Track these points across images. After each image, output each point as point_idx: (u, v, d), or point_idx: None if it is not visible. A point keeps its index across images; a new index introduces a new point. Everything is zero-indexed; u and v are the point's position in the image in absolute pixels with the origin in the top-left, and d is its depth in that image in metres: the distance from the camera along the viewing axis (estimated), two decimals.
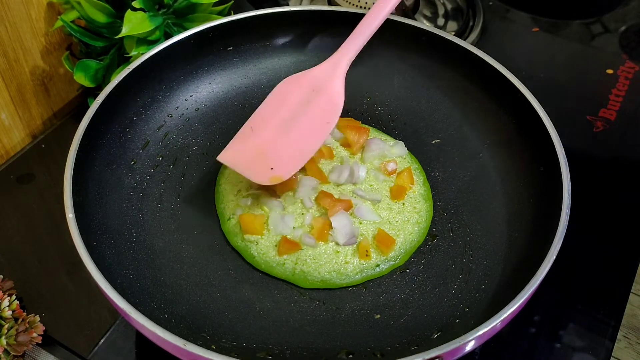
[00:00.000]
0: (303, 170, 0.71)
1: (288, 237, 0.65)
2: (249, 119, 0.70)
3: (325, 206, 0.67)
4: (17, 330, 0.63)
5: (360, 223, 0.68)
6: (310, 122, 0.67)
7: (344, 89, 0.68)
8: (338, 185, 0.71)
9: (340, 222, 0.66)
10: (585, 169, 0.82)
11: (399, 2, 0.71)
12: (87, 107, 0.67)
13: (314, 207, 0.68)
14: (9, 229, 0.76)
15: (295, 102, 0.69)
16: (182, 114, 0.78)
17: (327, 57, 0.84)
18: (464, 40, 0.80)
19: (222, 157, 0.68)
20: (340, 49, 0.69)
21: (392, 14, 0.81)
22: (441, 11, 1.08)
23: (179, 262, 0.65)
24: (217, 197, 0.72)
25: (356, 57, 0.83)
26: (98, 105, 0.67)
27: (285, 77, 0.83)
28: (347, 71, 0.83)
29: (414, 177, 0.73)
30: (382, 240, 0.66)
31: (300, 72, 0.71)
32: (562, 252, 0.56)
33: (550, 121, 0.67)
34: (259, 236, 0.66)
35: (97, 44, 0.82)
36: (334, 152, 0.74)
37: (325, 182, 0.70)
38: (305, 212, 0.67)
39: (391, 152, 0.75)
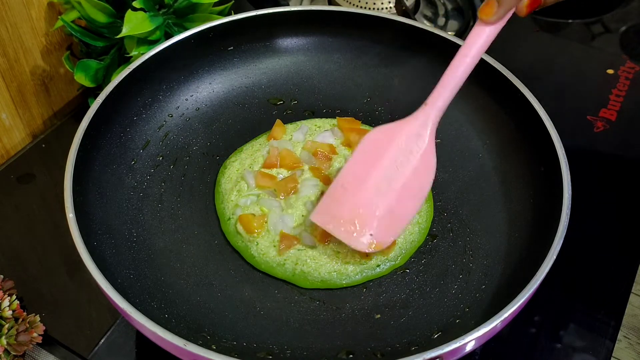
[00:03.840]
0: (305, 171, 0.71)
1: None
2: (339, 175, 0.65)
3: None
4: (17, 330, 0.63)
5: None
6: (405, 185, 0.64)
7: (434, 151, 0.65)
8: None
9: None
10: (585, 169, 0.82)
11: (485, 49, 0.64)
12: (88, 107, 0.67)
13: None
14: (9, 229, 0.76)
15: (389, 161, 0.65)
16: (183, 114, 0.78)
17: (327, 57, 0.84)
18: (464, 40, 0.80)
19: (315, 218, 0.64)
20: (428, 99, 0.65)
21: (392, 14, 0.81)
22: (441, 11, 1.08)
23: (179, 262, 0.65)
24: (217, 197, 0.72)
25: (356, 57, 0.84)
26: (98, 105, 0.67)
27: (285, 77, 0.84)
28: (347, 73, 0.84)
29: None
30: None
31: (389, 126, 0.66)
32: (562, 252, 0.56)
33: (550, 121, 0.67)
34: (259, 236, 0.66)
35: (98, 44, 0.82)
36: (337, 150, 0.74)
37: (329, 184, 0.70)
38: (305, 215, 0.67)
39: None
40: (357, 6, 1.02)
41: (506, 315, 0.52)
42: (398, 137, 0.65)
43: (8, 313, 0.64)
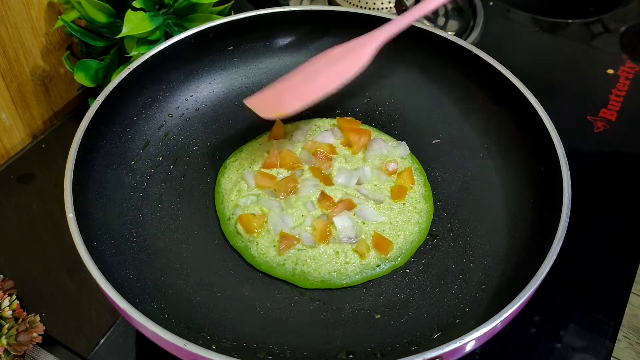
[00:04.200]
0: (306, 171, 0.71)
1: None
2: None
3: (327, 207, 0.67)
4: (17, 330, 0.63)
5: (364, 223, 0.67)
6: (329, 73, 0.71)
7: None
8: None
9: (343, 223, 0.66)
10: (585, 169, 0.82)
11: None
12: (88, 107, 0.67)
13: (315, 209, 0.68)
14: (9, 229, 0.77)
15: (326, 59, 0.72)
16: (183, 114, 0.78)
17: None
18: (464, 40, 0.80)
19: (248, 100, 0.71)
20: (383, 25, 0.72)
21: (392, 14, 0.81)
22: (441, 11, 1.08)
23: (179, 262, 0.65)
24: (217, 197, 0.72)
25: None
26: (98, 105, 0.67)
27: None
28: None
29: (415, 177, 0.73)
30: (379, 244, 0.66)
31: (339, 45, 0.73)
32: (562, 252, 0.56)
33: (550, 121, 0.67)
34: (259, 236, 0.66)
35: (98, 44, 0.82)
36: (337, 150, 0.74)
37: (329, 184, 0.70)
38: (305, 215, 0.67)
39: (394, 152, 0.75)
40: (357, 6, 1.02)
41: (506, 315, 0.52)
42: (343, 46, 0.72)
43: (8, 313, 0.64)
